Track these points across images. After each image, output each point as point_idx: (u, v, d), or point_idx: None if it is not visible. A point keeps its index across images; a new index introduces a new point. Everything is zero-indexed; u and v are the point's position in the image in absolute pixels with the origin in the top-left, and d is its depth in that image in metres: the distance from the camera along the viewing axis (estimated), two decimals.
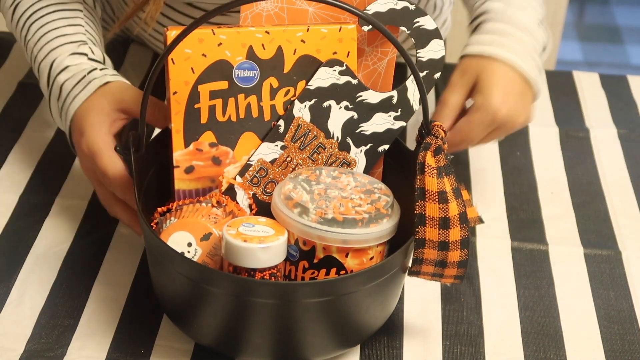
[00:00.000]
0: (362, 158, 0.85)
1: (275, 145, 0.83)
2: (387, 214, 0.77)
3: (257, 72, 0.81)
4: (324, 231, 0.75)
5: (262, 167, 0.83)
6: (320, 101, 0.83)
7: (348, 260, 0.77)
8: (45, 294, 0.86)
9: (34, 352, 0.80)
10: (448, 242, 0.76)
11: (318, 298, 0.73)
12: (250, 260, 0.74)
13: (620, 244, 0.96)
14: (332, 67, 0.82)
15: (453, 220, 0.75)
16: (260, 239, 0.74)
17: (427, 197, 0.75)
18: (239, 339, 0.76)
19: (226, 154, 0.82)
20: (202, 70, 0.80)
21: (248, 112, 0.82)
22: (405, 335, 0.84)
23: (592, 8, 3.15)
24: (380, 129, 0.84)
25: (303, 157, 0.83)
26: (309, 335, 0.76)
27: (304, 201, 0.76)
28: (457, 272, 0.78)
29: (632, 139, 1.12)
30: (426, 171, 0.75)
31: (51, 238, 0.92)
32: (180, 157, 0.82)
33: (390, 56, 0.85)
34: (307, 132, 0.83)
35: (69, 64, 0.90)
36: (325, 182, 0.79)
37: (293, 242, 0.77)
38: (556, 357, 0.83)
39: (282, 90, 0.82)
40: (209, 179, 0.83)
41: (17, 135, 1.07)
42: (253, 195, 0.83)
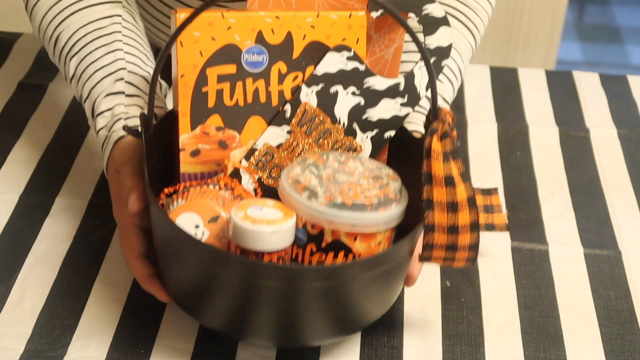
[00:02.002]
0: (368, 144, 0.85)
1: (281, 129, 0.83)
2: (396, 199, 0.77)
3: (265, 57, 0.81)
4: (332, 215, 0.75)
5: (267, 151, 0.83)
6: (328, 87, 0.82)
7: (356, 244, 0.77)
8: (45, 294, 0.86)
9: (34, 352, 0.80)
10: (457, 226, 0.75)
11: (325, 282, 0.73)
12: (258, 243, 0.73)
13: (620, 244, 0.96)
14: (340, 53, 0.82)
15: (461, 204, 0.75)
16: (269, 221, 0.74)
17: (434, 181, 0.75)
18: (245, 321, 0.76)
19: (233, 138, 0.82)
20: (210, 54, 0.79)
21: (256, 96, 0.82)
22: (405, 335, 0.84)
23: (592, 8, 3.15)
24: (387, 115, 0.84)
25: (309, 142, 0.83)
26: (315, 319, 0.76)
27: (313, 185, 0.76)
28: (469, 255, 0.77)
29: (632, 139, 1.12)
30: (432, 156, 0.75)
31: (51, 238, 0.92)
32: (186, 140, 0.81)
33: (397, 43, 0.85)
34: (313, 117, 0.83)
35: (103, 109, 0.89)
36: (333, 167, 0.79)
37: (301, 225, 0.77)
38: (556, 357, 0.83)
39: (290, 75, 0.82)
40: (215, 163, 0.82)
41: (17, 135, 1.07)
42: (258, 180, 0.83)
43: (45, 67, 1.18)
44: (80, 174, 1.01)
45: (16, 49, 1.22)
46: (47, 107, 1.12)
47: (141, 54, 0.94)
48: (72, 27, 0.94)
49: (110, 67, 0.91)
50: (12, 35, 1.26)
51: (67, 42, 0.94)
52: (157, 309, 0.85)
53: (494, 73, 1.24)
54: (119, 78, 0.90)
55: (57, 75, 1.17)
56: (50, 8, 0.95)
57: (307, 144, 0.83)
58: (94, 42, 0.92)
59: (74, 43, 0.93)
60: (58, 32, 0.94)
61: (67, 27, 0.94)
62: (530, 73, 1.24)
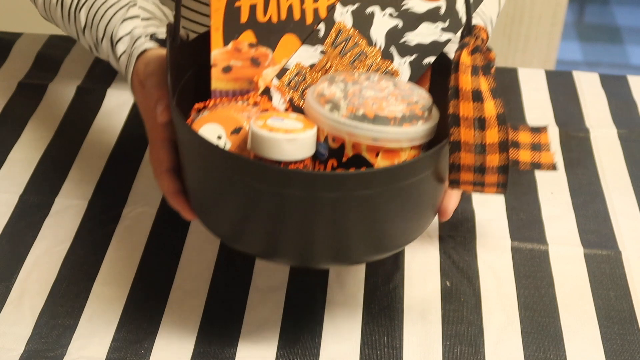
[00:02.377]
0: (406, 69, 0.82)
1: (314, 49, 0.81)
2: (423, 117, 0.75)
3: None
4: (353, 127, 0.73)
5: (300, 71, 0.81)
6: (363, 7, 0.80)
7: (378, 160, 0.74)
8: (45, 294, 0.86)
9: (34, 352, 0.80)
10: (485, 144, 0.72)
11: (335, 192, 0.70)
12: (275, 152, 0.72)
13: (620, 244, 0.96)
14: None
15: (489, 121, 0.71)
16: (287, 130, 0.72)
17: (461, 95, 0.72)
18: (265, 235, 0.74)
19: (265, 55, 0.81)
20: None
21: (290, 13, 0.80)
22: (405, 335, 0.84)
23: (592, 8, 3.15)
24: (426, 40, 0.81)
25: (343, 63, 0.81)
26: (328, 234, 0.73)
27: (337, 98, 0.75)
28: (499, 179, 0.74)
29: (632, 139, 1.12)
30: (460, 69, 0.72)
31: (51, 238, 0.93)
32: (218, 56, 0.80)
33: None
34: (348, 38, 0.81)
35: (121, 34, 0.89)
36: (363, 84, 0.77)
37: (323, 139, 0.76)
38: (556, 357, 0.83)
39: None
40: (247, 80, 0.81)
41: (17, 135, 1.07)
42: (289, 100, 0.81)
43: (45, 67, 1.18)
44: (80, 174, 1.01)
45: (16, 49, 1.22)
46: (47, 107, 1.12)
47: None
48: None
49: (120, 2, 0.91)
50: (12, 35, 1.26)
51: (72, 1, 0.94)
52: (157, 309, 0.85)
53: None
54: (132, 5, 0.90)
55: (57, 75, 1.17)
56: None
57: (341, 66, 0.81)
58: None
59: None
60: None
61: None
62: (530, 73, 1.24)
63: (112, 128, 1.08)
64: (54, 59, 1.20)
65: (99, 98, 1.13)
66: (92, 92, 1.14)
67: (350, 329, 0.84)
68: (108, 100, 1.13)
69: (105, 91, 1.14)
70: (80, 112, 1.11)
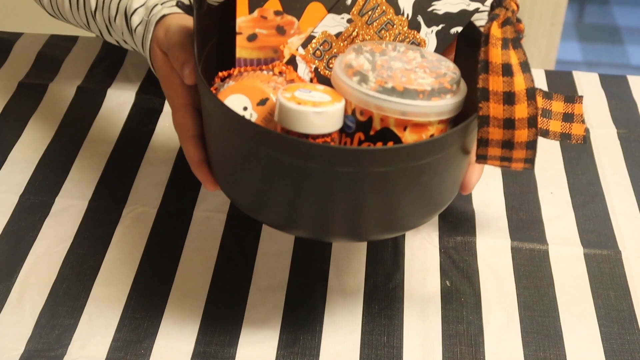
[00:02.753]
0: (433, 39, 0.81)
1: (341, 17, 0.79)
2: (452, 90, 0.74)
3: None
4: (382, 100, 0.72)
5: (326, 39, 0.80)
6: None
7: (406, 134, 0.74)
8: (45, 294, 0.86)
9: (34, 352, 0.80)
10: (514, 119, 0.71)
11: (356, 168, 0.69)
12: (303, 124, 0.71)
13: (620, 244, 0.96)
14: None
15: (519, 95, 0.70)
16: (315, 103, 0.71)
17: (491, 69, 0.70)
18: (288, 208, 0.73)
19: (291, 23, 0.79)
20: None
21: None
22: (405, 335, 0.84)
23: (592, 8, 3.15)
24: (455, 9, 0.80)
25: (370, 32, 0.80)
26: (348, 210, 0.72)
27: (365, 69, 0.73)
28: (527, 155, 0.73)
29: (632, 139, 1.12)
30: (490, 42, 0.71)
31: (51, 238, 0.93)
32: (243, 24, 0.79)
33: None
34: (375, 7, 0.79)
35: (136, 6, 0.88)
36: (390, 55, 0.76)
37: (350, 112, 0.75)
38: (556, 357, 0.83)
39: None
40: (272, 49, 0.80)
41: (18, 135, 1.07)
42: (315, 69, 0.80)
43: (45, 67, 1.18)
44: (80, 174, 1.01)
45: (16, 49, 1.22)
46: (47, 107, 1.12)
47: None
48: None
49: None
50: (12, 35, 1.26)
51: None
52: (157, 309, 0.85)
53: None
54: None
55: (57, 75, 1.17)
56: None
57: (367, 35, 0.80)
58: None
59: None
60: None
61: None
62: None
63: (112, 128, 1.08)
64: (54, 59, 1.20)
65: (99, 98, 1.13)
66: (92, 92, 1.14)
67: (350, 329, 0.84)
68: (108, 100, 1.13)
69: (106, 91, 1.14)
70: (80, 112, 1.11)
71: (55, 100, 1.13)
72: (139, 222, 0.94)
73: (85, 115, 1.10)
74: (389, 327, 0.84)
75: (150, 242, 0.92)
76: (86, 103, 1.12)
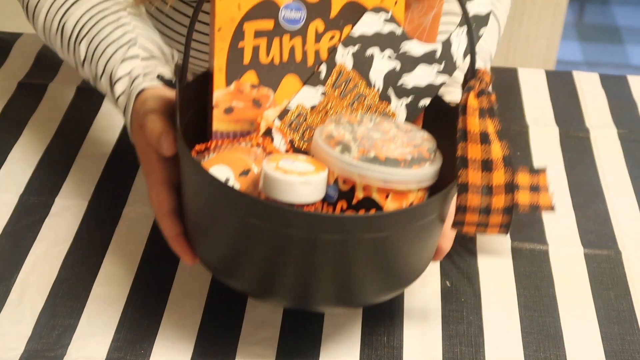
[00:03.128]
0: (403, 111, 0.83)
1: (315, 90, 0.81)
2: (430, 159, 0.76)
3: (303, 14, 0.79)
4: (365, 169, 0.74)
5: (301, 112, 0.81)
6: (364, 49, 0.81)
7: (388, 202, 0.75)
8: (45, 294, 0.86)
9: (34, 352, 0.80)
10: (491, 186, 0.73)
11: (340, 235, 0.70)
12: (288, 194, 0.72)
13: (620, 244, 0.96)
14: (377, 14, 0.80)
15: (496, 163, 0.73)
16: (300, 172, 0.72)
17: (469, 138, 0.73)
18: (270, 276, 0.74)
19: (267, 96, 0.81)
20: (248, 8, 0.78)
21: (292, 55, 0.81)
22: (405, 335, 0.84)
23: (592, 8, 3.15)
24: (423, 82, 0.82)
25: (343, 105, 0.82)
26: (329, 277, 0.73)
27: (347, 140, 0.75)
28: (503, 220, 0.75)
29: (632, 139, 1.12)
30: (468, 112, 0.73)
31: (51, 238, 0.92)
32: (220, 97, 0.80)
33: (436, 10, 0.83)
34: (348, 80, 0.81)
35: (121, 74, 0.89)
36: (367, 126, 0.78)
37: (332, 182, 0.76)
38: (556, 357, 0.83)
39: (327, 34, 0.81)
40: (248, 122, 0.81)
41: (17, 135, 1.07)
42: (290, 142, 0.81)
43: (45, 67, 1.18)
44: (80, 174, 1.01)
45: (16, 49, 1.22)
46: (47, 107, 1.12)
47: (149, 28, 0.94)
48: (76, 14, 0.94)
49: (121, 40, 0.90)
50: (12, 35, 1.26)
51: (74, 28, 0.94)
52: (157, 309, 0.85)
53: (494, 73, 1.24)
54: (132, 44, 0.90)
55: (57, 75, 1.17)
56: (52, 4, 0.95)
57: (340, 107, 0.82)
58: (101, 22, 0.92)
59: (80, 27, 0.93)
60: (63, 22, 0.95)
61: (71, 15, 0.94)
62: (530, 73, 1.24)
63: (112, 128, 1.08)
64: (54, 59, 1.20)
65: (99, 98, 1.13)
66: (92, 92, 1.14)
67: (350, 329, 0.84)
68: (108, 101, 1.13)
69: None
70: (80, 112, 1.11)
71: (55, 100, 1.13)
72: (139, 222, 0.94)
73: (85, 115, 1.10)
74: (389, 327, 0.84)
75: (150, 242, 0.92)
76: (86, 103, 1.12)
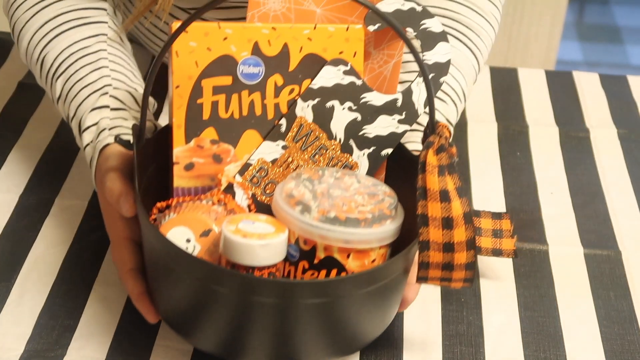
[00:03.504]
0: (365, 161, 0.84)
1: (276, 144, 0.82)
2: (391, 216, 0.77)
3: (262, 69, 0.80)
4: (325, 230, 0.75)
5: (262, 166, 0.82)
6: (324, 101, 0.82)
7: (349, 261, 0.76)
8: (45, 294, 0.86)
9: (34, 352, 0.80)
10: (453, 243, 0.74)
11: (317, 298, 0.72)
12: (249, 257, 0.73)
13: (620, 244, 0.96)
14: (336, 67, 0.81)
15: (457, 220, 0.74)
16: (260, 235, 0.73)
17: (429, 196, 0.74)
18: (235, 341, 0.75)
19: (227, 152, 0.82)
20: (206, 65, 0.79)
21: (251, 109, 0.81)
22: (405, 335, 0.84)
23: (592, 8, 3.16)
24: (384, 132, 0.83)
25: (304, 158, 0.83)
26: (306, 339, 0.75)
27: (306, 199, 0.75)
28: (466, 275, 0.76)
29: (632, 139, 1.12)
30: (427, 169, 0.74)
31: (51, 238, 0.92)
32: (180, 154, 0.81)
33: (396, 59, 0.84)
34: (309, 133, 0.82)
35: (89, 124, 0.89)
36: (328, 182, 0.78)
37: (293, 241, 0.76)
38: (556, 357, 0.83)
39: (286, 88, 0.81)
40: (209, 177, 0.82)
41: (17, 135, 1.07)
42: (252, 196, 0.82)
43: None
44: (80, 174, 1.01)
45: (16, 49, 1.22)
46: (47, 107, 1.12)
47: (127, 71, 0.94)
48: (57, 48, 0.94)
49: (96, 84, 0.90)
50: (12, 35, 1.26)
51: (53, 63, 0.93)
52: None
53: (494, 73, 1.24)
54: (104, 93, 0.90)
55: None
56: (36, 32, 0.95)
57: (302, 160, 0.82)
58: (79, 61, 0.92)
59: (59, 64, 0.93)
60: (44, 54, 0.94)
61: (52, 49, 0.94)
62: (530, 73, 1.25)
63: None
64: None
65: None
66: None
67: None
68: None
69: None
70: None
71: None
72: None
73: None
74: (389, 327, 0.84)
75: None
76: None
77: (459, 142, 1.09)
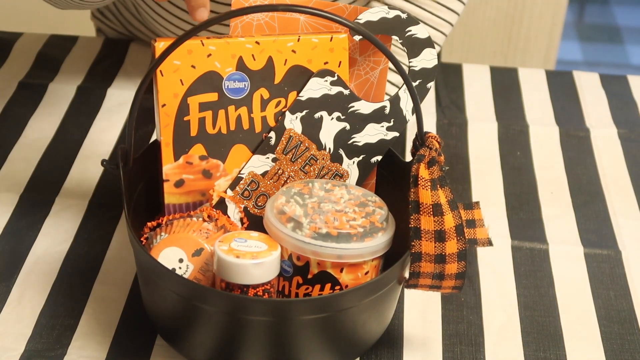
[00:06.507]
0: (355, 169, 0.84)
1: (266, 157, 0.82)
2: (382, 228, 0.77)
3: (247, 83, 0.80)
4: (318, 246, 0.75)
5: (253, 180, 0.82)
6: (312, 112, 0.82)
7: (343, 275, 0.77)
8: (45, 294, 0.86)
9: (34, 352, 0.80)
10: (445, 255, 0.75)
11: (313, 315, 0.73)
12: (243, 277, 0.73)
13: (620, 244, 0.96)
14: (323, 78, 0.81)
15: (449, 233, 0.75)
16: (253, 254, 0.73)
17: (422, 210, 0.75)
18: (233, 358, 0.75)
19: (217, 167, 0.82)
20: (191, 82, 0.79)
21: (239, 124, 0.81)
22: (405, 335, 0.84)
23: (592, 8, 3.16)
24: (373, 139, 0.84)
25: (295, 169, 0.83)
26: (304, 353, 0.75)
27: (297, 215, 0.76)
28: (455, 283, 0.77)
29: (632, 139, 1.12)
30: (420, 184, 0.75)
31: (51, 238, 0.93)
32: (169, 171, 0.81)
33: (382, 65, 0.85)
34: (298, 144, 0.82)
35: None
36: (319, 196, 0.79)
37: (287, 257, 0.77)
38: (556, 357, 0.83)
39: (273, 101, 0.82)
40: (200, 193, 0.82)
41: (17, 135, 1.07)
42: (244, 209, 0.83)
43: (45, 67, 1.18)
44: (80, 174, 1.01)
45: (16, 49, 1.22)
46: (47, 107, 1.12)
47: None
48: None
49: None
50: (12, 35, 1.26)
51: None
52: None
53: (494, 73, 1.24)
54: None
55: (57, 75, 1.17)
56: None
57: (292, 172, 0.83)
58: None
59: None
60: None
61: None
62: (530, 73, 1.25)
63: (112, 128, 1.08)
64: (54, 59, 1.20)
65: (99, 98, 1.13)
66: (92, 92, 1.14)
67: None
68: (108, 100, 1.13)
69: (105, 91, 1.14)
70: (80, 112, 1.11)
71: (55, 100, 1.13)
72: None
73: (85, 115, 1.10)
74: (389, 327, 0.84)
75: None
76: (86, 103, 1.12)
77: (459, 141, 1.09)
